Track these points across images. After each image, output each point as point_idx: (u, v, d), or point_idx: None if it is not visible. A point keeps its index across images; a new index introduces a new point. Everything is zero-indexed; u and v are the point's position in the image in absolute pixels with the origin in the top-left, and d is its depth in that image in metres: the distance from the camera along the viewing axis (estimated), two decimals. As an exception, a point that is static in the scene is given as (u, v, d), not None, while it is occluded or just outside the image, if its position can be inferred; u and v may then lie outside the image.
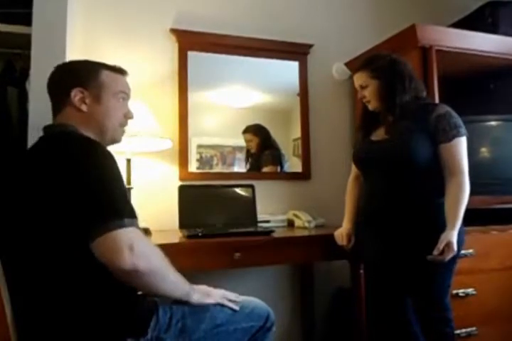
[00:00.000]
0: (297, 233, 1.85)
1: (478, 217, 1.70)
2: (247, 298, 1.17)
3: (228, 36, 2.17)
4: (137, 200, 1.81)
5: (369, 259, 1.56)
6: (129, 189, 1.76)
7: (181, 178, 2.07)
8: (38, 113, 1.43)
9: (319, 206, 2.21)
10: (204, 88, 2.17)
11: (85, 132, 1.08)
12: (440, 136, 1.39)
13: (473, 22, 2.21)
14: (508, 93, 2.19)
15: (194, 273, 1.45)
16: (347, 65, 2.34)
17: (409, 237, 1.40)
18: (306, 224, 1.98)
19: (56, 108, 1.13)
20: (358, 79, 1.53)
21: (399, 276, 1.43)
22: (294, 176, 2.28)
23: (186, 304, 1.04)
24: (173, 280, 0.98)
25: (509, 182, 1.95)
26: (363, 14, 2.53)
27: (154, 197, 2.00)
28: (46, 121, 1.43)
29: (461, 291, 1.74)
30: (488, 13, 2.19)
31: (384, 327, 1.49)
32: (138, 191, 1.84)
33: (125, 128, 1.20)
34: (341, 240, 1.59)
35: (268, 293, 2.11)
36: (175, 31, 2.11)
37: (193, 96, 2.12)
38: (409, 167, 1.42)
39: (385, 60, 1.49)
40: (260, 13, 2.30)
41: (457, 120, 1.42)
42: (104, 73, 1.13)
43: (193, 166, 2.12)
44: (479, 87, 2.25)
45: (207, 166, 2.16)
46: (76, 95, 1.08)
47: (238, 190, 1.99)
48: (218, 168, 2.18)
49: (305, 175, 2.29)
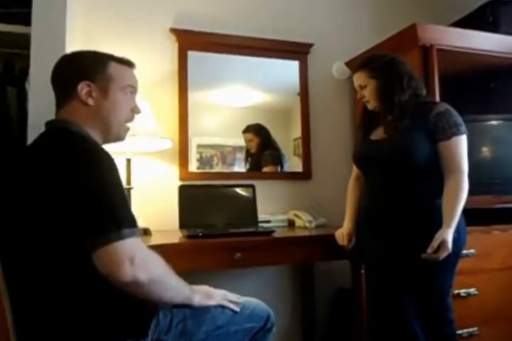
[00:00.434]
0: (298, 233, 1.85)
1: (479, 217, 1.69)
2: (248, 299, 1.16)
3: (228, 36, 2.17)
4: (137, 200, 1.81)
5: (369, 259, 1.55)
6: (129, 189, 1.75)
7: (181, 178, 2.06)
8: (38, 113, 1.42)
9: (320, 206, 2.20)
10: (204, 88, 2.16)
11: (89, 128, 1.06)
12: (439, 134, 1.39)
13: (474, 21, 2.20)
14: (509, 92, 2.18)
15: (194, 273, 1.45)
16: (347, 65, 2.34)
17: (409, 237, 1.39)
18: (307, 224, 1.98)
19: (60, 101, 1.08)
20: (357, 79, 1.53)
21: (399, 276, 1.42)
22: (295, 176, 2.28)
23: (187, 306, 1.03)
24: (174, 286, 0.98)
25: (510, 181, 1.94)
26: (364, 13, 2.52)
27: (154, 197, 1.99)
28: (45, 121, 1.43)
29: (462, 291, 1.74)
30: (489, 12, 2.19)
31: (384, 327, 1.49)
32: (138, 191, 1.84)
33: (129, 125, 1.17)
34: (342, 240, 1.59)
35: (268, 293, 2.10)
36: (175, 31, 2.11)
37: (193, 95, 2.12)
38: (408, 166, 1.41)
39: (384, 60, 1.49)
40: (260, 13, 2.30)
41: (457, 118, 1.41)
42: (111, 65, 1.09)
43: (193, 166, 2.11)
44: (480, 86, 2.25)
45: (207, 166, 2.16)
46: (83, 88, 1.04)
47: (238, 190, 1.99)
48: (218, 168, 2.17)
49: (305, 175, 2.28)
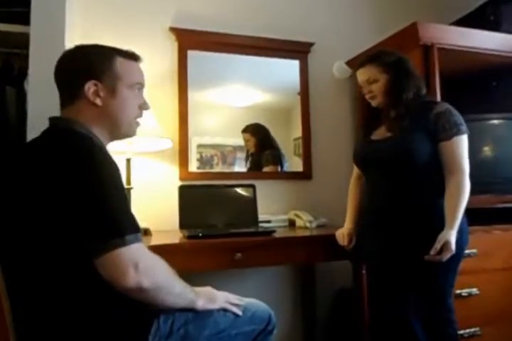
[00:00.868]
0: (298, 233, 1.84)
1: (480, 217, 1.69)
2: (249, 300, 1.15)
3: (228, 35, 2.16)
4: (137, 200, 1.80)
5: (370, 259, 1.54)
6: (129, 189, 1.74)
7: (181, 178, 2.06)
8: (37, 113, 1.42)
9: (320, 206, 2.19)
10: (204, 87, 2.16)
11: (96, 128, 1.04)
12: (440, 134, 1.38)
13: (475, 20, 2.20)
14: (510, 91, 2.17)
15: (195, 273, 1.44)
16: (348, 64, 2.33)
17: (409, 237, 1.38)
18: (308, 224, 1.97)
19: (66, 100, 1.05)
20: (366, 73, 1.48)
21: (400, 277, 1.42)
22: (295, 176, 2.27)
23: (189, 311, 1.02)
24: (177, 292, 0.97)
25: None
26: (364, 12, 2.51)
27: (154, 197, 1.98)
28: (45, 121, 1.42)
29: (463, 291, 1.73)
30: (490, 11, 2.18)
31: (386, 327, 1.48)
32: (138, 191, 1.83)
33: (139, 120, 1.14)
34: (342, 240, 1.58)
35: (269, 294, 2.10)
36: (174, 30, 2.10)
37: (193, 95, 2.11)
38: (409, 166, 1.41)
39: (393, 56, 1.48)
40: (260, 12, 2.29)
41: (458, 118, 1.40)
42: (118, 61, 1.05)
43: (194, 166, 2.11)
44: (481, 85, 2.24)
45: (207, 166, 2.15)
46: (90, 88, 1.01)
47: (239, 190, 1.98)
48: (219, 168, 2.17)
49: (306, 175, 2.28)
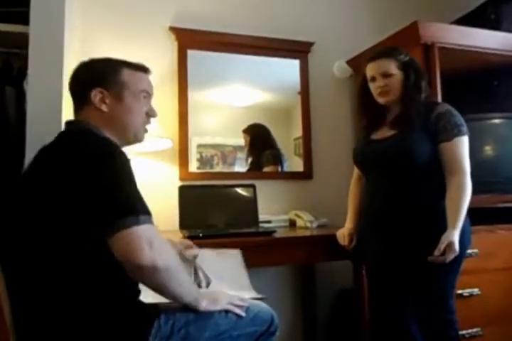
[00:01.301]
0: (299, 233, 1.84)
1: (482, 216, 1.68)
2: (252, 302, 1.14)
3: (228, 34, 2.16)
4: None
5: (370, 260, 1.54)
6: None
7: (181, 178, 2.05)
8: (36, 113, 1.41)
9: (321, 206, 2.19)
10: (204, 87, 2.15)
11: (106, 131, 1.07)
12: (441, 135, 1.38)
13: (475, 19, 2.19)
14: (512, 90, 2.17)
15: (195, 274, 1.43)
16: (348, 63, 2.33)
17: (410, 237, 1.38)
18: (308, 224, 1.97)
19: (77, 106, 1.12)
20: (384, 65, 1.45)
21: (401, 277, 1.41)
22: (296, 176, 2.27)
23: (191, 311, 1.01)
24: (185, 281, 0.97)
25: (513, 180, 1.93)
26: (364, 11, 2.51)
27: (154, 198, 1.95)
28: (44, 121, 1.42)
29: (465, 291, 1.72)
30: (490, 10, 2.18)
31: (385, 328, 1.47)
32: (138, 191, 1.82)
33: (147, 127, 1.18)
34: (343, 240, 1.58)
35: (269, 294, 2.07)
36: (174, 29, 2.10)
37: (193, 95, 2.11)
38: (409, 166, 1.40)
39: (408, 56, 1.48)
40: (260, 11, 2.28)
41: (458, 119, 1.40)
42: (125, 72, 1.11)
43: (194, 166, 2.10)
44: (482, 85, 2.23)
45: (207, 166, 2.14)
46: (96, 95, 1.07)
47: (239, 190, 1.97)
48: (219, 168, 2.16)
49: (307, 175, 2.27)
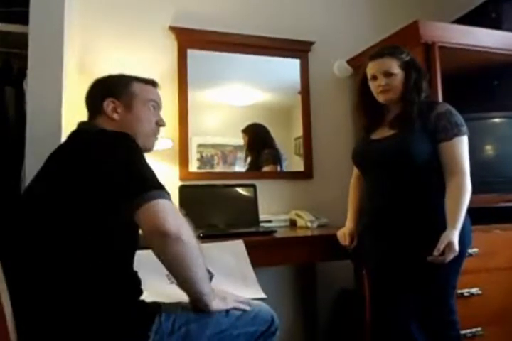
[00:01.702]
0: (300, 233, 1.84)
1: (482, 216, 1.67)
2: (252, 302, 1.14)
3: (228, 34, 2.15)
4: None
5: (370, 260, 1.53)
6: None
7: (182, 178, 2.05)
8: (36, 113, 1.41)
9: (322, 205, 2.18)
10: (204, 86, 2.15)
11: None
12: (440, 135, 1.38)
13: (476, 18, 2.19)
14: (513, 90, 2.16)
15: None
16: (349, 63, 2.32)
17: (410, 237, 1.37)
18: (309, 224, 1.97)
19: (91, 115, 1.20)
20: (385, 64, 1.44)
21: (401, 277, 1.40)
22: (296, 175, 2.26)
23: (193, 310, 1.02)
24: (202, 263, 0.98)
25: (514, 180, 1.92)
26: (365, 11, 2.50)
27: (154, 198, 1.97)
28: (44, 121, 1.42)
29: (465, 291, 1.72)
30: (491, 9, 2.17)
31: (385, 329, 1.47)
32: (138, 191, 1.82)
33: (158, 136, 1.26)
34: (344, 240, 1.57)
35: (270, 294, 2.07)
36: (174, 29, 2.09)
37: (193, 94, 2.10)
38: (408, 166, 1.40)
39: (409, 55, 1.47)
40: (260, 10, 2.28)
41: (458, 118, 1.40)
42: (135, 85, 1.19)
43: (194, 166, 2.10)
44: (483, 84, 2.22)
45: (207, 166, 2.14)
46: (108, 105, 1.14)
47: (239, 190, 1.97)
48: (219, 168, 2.16)
49: (307, 175, 2.27)
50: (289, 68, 2.30)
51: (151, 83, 1.24)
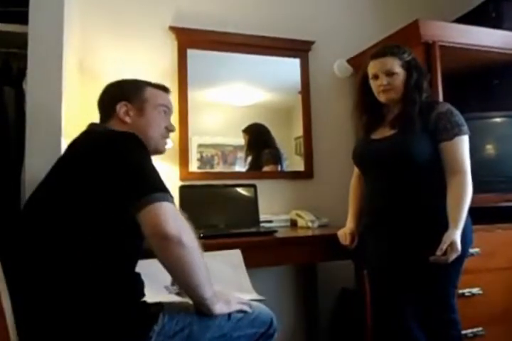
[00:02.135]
0: (300, 233, 1.84)
1: (483, 216, 1.67)
2: (252, 303, 1.15)
3: (228, 34, 2.15)
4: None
5: (371, 260, 1.53)
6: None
7: (182, 178, 2.04)
8: (35, 113, 1.41)
9: (322, 205, 2.18)
10: (204, 86, 2.15)
11: None
12: (441, 135, 1.37)
13: (476, 17, 2.19)
14: (513, 89, 2.16)
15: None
16: (349, 62, 2.32)
17: (411, 237, 1.37)
18: (310, 224, 1.96)
19: (103, 118, 1.23)
20: (386, 64, 1.44)
21: (402, 277, 1.40)
22: (297, 175, 2.26)
23: (195, 312, 1.02)
24: (203, 266, 0.97)
25: (514, 179, 1.92)
26: (365, 10, 2.50)
27: (155, 198, 1.97)
28: (43, 121, 1.41)
29: (466, 291, 1.72)
30: (491, 8, 2.17)
31: (386, 329, 1.46)
32: (138, 191, 1.82)
33: (167, 140, 1.28)
34: (345, 239, 1.57)
35: (271, 294, 2.08)
36: (174, 29, 2.09)
37: (193, 94, 2.10)
38: (409, 166, 1.40)
39: (411, 55, 1.47)
40: (260, 10, 2.28)
41: (459, 118, 1.39)
42: (147, 89, 1.23)
43: (194, 166, 2.10)
44: (483, 83, 2.23)
45: (208, 166, 2.14)
46: (121, 108, 1.18)
47: (240, 190, 1.97)
48: (219, 168, 2.16)
49: (307, 174, 2.27)
50: (289, 68, 2.29)
51: (163, 89, 1.27)
